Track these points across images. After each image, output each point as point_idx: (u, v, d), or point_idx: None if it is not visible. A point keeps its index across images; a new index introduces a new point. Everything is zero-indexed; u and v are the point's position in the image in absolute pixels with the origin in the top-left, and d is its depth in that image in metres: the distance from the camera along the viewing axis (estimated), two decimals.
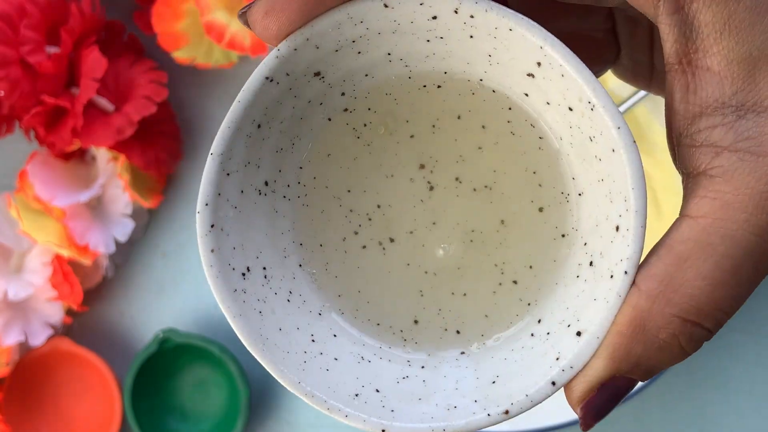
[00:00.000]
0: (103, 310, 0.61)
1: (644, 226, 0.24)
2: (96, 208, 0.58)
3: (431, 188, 0.28)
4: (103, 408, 0.59)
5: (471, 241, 0.28)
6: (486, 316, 0.28)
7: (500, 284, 0.28)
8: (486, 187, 0.28)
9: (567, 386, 0.25)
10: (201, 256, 0.26)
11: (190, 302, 0.61)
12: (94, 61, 0.53)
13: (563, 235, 0.27)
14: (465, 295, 0.28)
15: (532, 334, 0.27)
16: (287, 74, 0.26)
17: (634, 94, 0.51)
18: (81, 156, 0.59)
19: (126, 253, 0.61)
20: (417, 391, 0.27)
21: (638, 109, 0.55)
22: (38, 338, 0.57)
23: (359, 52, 0.26)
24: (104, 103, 0.55)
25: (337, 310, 0.28)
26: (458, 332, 0.28)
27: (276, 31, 0.25)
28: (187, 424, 0.60)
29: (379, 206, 0.28)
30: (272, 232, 0.28)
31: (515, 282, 0.28)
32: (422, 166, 0.28)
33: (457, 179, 0.28)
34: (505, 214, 0.28)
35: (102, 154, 0.57)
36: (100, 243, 0.56)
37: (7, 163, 0.61)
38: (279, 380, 0.26)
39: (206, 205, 0.26)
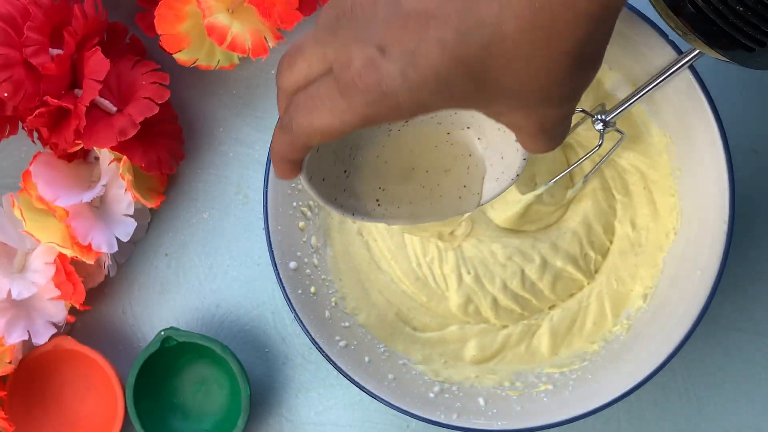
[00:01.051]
0: (105, 309, 0.62)
1: None
2: (99, 208, 0.59)
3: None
4: (106, 406, 0.59)
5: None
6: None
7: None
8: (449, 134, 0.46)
9: None
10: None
11: (191, 301, 0.61)
12: (97, 63, 0.54)
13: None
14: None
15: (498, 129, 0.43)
16: None
17: (631, 95, 0.52)
18: (84, 156, 0.60)
19: (128, 253, 0.61)
20: None
21: (635, 110, 0.55)
22: (41, 337, 0.57)
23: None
24: (107, 104, 0.55)
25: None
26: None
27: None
28: (188, 423, 0.60)
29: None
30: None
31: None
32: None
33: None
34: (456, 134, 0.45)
35: (104, 155, 0.57)
36: (103, 242, 0.56)
37: (10, 163, 0.61)
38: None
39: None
